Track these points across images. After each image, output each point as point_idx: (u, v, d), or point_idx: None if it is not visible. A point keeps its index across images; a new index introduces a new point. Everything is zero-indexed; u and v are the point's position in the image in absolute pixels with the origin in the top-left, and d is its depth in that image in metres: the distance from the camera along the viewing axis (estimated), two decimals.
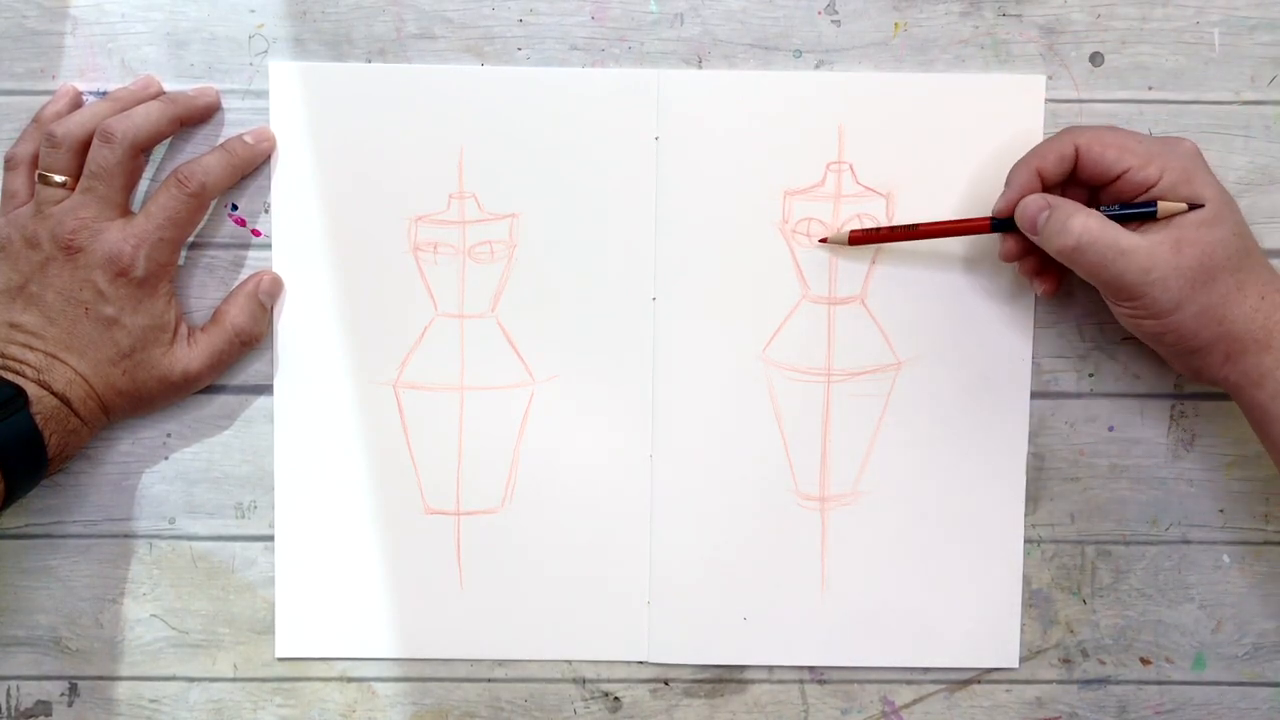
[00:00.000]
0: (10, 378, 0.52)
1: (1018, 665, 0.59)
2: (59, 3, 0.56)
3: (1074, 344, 0.58)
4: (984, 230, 0.55)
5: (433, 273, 0.57)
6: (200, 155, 0.56)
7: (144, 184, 0.57)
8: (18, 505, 0.55)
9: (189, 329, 0.56)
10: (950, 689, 0.59)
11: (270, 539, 0.58)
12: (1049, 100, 0.57)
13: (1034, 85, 0.57)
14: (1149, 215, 0.51)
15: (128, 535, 0.58)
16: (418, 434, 0.58)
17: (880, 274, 0.57)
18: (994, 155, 0.56)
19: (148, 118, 0.54)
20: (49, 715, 0.59)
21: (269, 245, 0.57)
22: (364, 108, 0.57)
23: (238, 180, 0.56)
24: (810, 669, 0.59)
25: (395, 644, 0.58)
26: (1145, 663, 0.59)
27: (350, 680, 0.59)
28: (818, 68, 0.57)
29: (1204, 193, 0.51)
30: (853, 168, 0.57)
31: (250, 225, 0.57)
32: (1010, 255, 0.55)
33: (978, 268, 0.57)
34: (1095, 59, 0.57)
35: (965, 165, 0.57)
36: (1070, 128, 0.54)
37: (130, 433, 0.58)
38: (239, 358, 0.57)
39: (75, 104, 0.56)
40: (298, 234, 0.57)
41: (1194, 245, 0.50)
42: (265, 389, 0.58)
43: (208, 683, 0.59)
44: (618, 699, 0.59)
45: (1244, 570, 0.59)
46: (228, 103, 0.57)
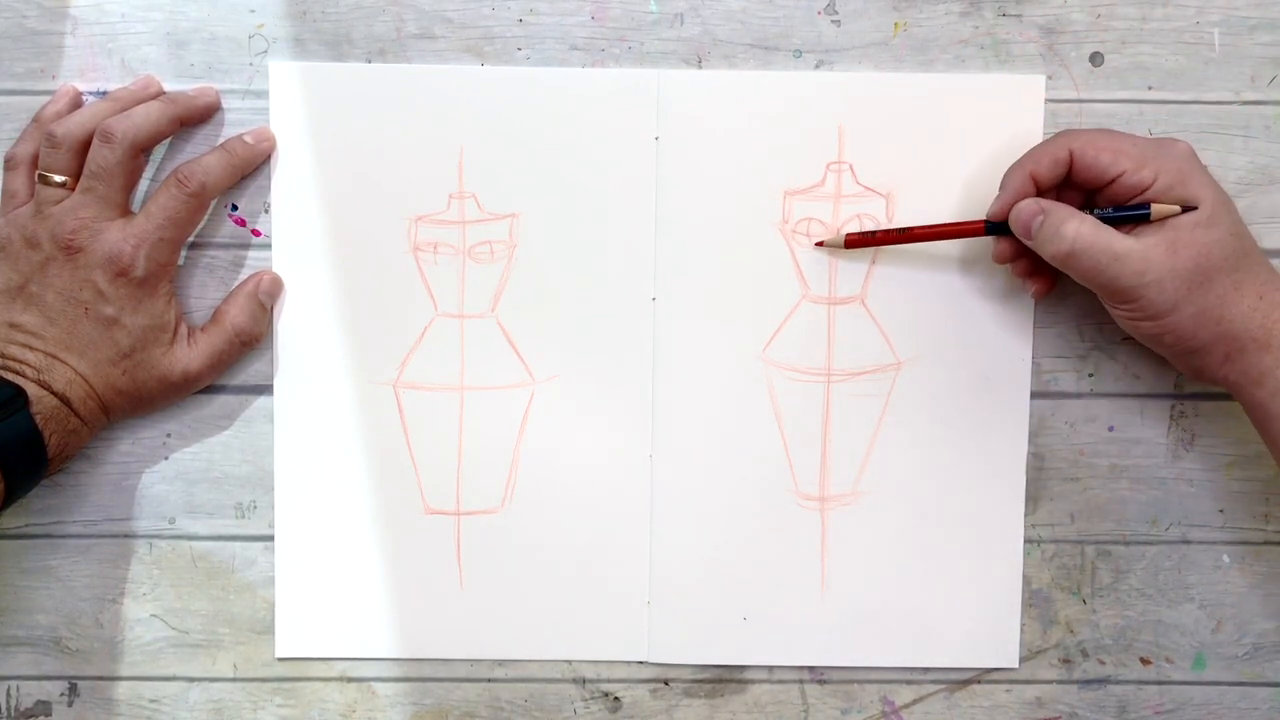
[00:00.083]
0: (10, 378, 0.52)
1: (1018, 665, 0.59)
2: (59, 3, 0.56)
3: (1074, 344, 0.58)
4: (978, 233, 0.55)
5: (433, 273, 0.57)
6: (200, 155, 0.56)
7: (144, 184, 0.57)
8: (18, 505, 0.55)
9: (189, 329, 0.56)
10: (950, 689, 0.59)
11: (270, 539, 0.58)
12: (1049, 100, 0.57)
13: (1034, 85, 0.57)
14: (1143, 218, 0.51)
15: (128, 535, 0.58)
16: (418, 434, 0.58)
17: (880, 274, 0.57)
18: (994, 155, 0.56)
19: (148, 118, 0.54)
20: (49, 715, 0.59)
21: (269, 245, 0.57)
22: (364, 108, 0.57)
23: (238, 180, 0.56)
24: (810, 669, 0.59)
25: (395, 644, 0.58)
26: (1145, 663, 0.59)
27: (350, 680, 0.59)
28: (818, 68, 0.57)
29: (1199, 194, 0.51)
30: (853, 168, 0.57)
31: (250, 225, 0.57)
32: (1004, 257, 0.55)
33: (978, 268, 0.57)
34: (1095, 59, 0.57)
35: (965, 165, 0.57)
36: (1064, 131, 0.54)
37: (130, 433, 0.58)
38: (239, 358, 0.57)
39: (75, 104, 0.56)
40: (298, 234, 0.57)
41: (1189, 247, 0.50)
42: (265, 389, 0.58)
43: (208, 683, 0.59)
44: (618, 699, 0.59)
45: (1244, 570, 0.59)
46: (228, 103, 0.57)
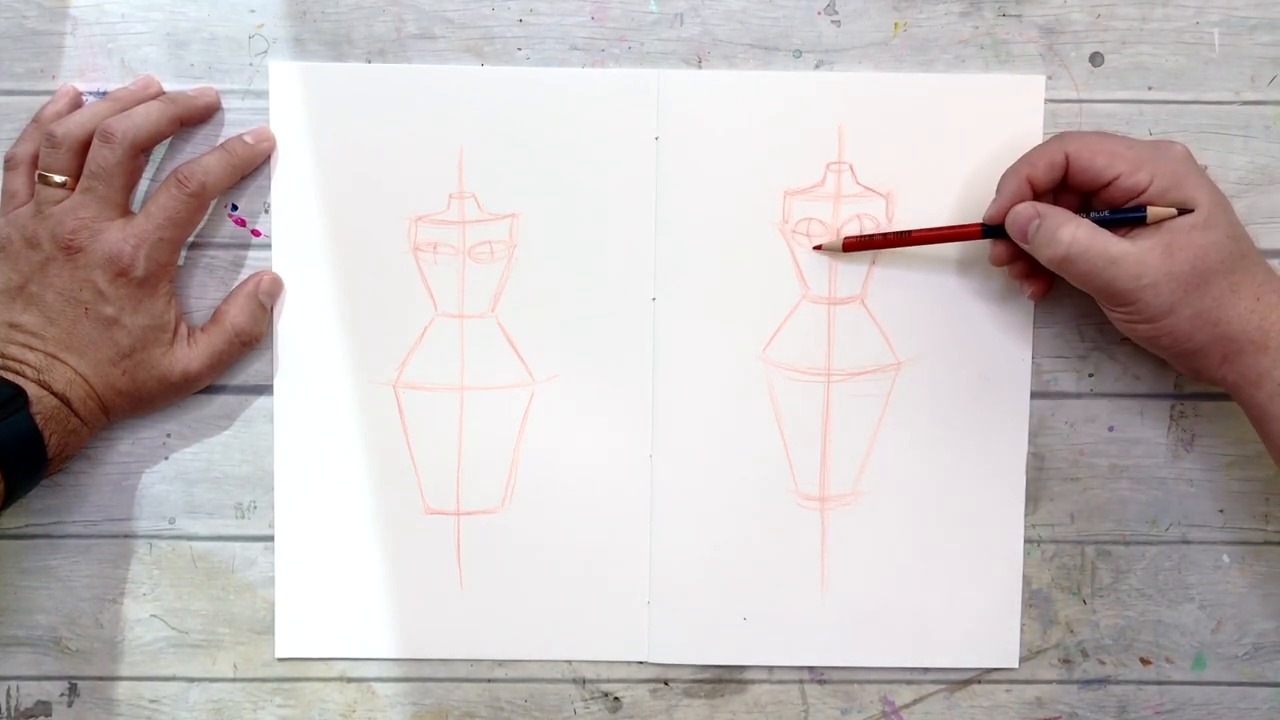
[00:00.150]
0: (10, 378, 0.52)
1: (1018, 665, 0.59)
2: (59, 3, 0.56)
3: (1073, 344, 0.58)
4: (975, 236, 0.55)
5: (433, 273, 0.57)
6: (200, 155, 0.56)
7: (144, 184, 0.57)
8: (18, 505, 0.55)
9: (189, 329, 0.56)
10: (950, 689, 0.59)
11: (270, 539, 0.58)
12: (1049, 100, 0.57)
13: (1034, 85, 0.57)
14: (1139, 220, 0.51)
15: (128, 535, 0.58)
16: (418, 434, 0.58)
17: (880, 274, 0.57)
18: (994, 155, 0.56)
19: (148, 118, 0.54)
20: (49, 715, 0.59)
21: (269, 245, 0.57)
22: (364, 108, 0.57)
23: (238, 180, 0.56)
24: (810, 669, 0.59)
25: (395, 644, 0.58)
26: (1145, 663, 0.59)
27: (350, 680, 0.59)
28: (818, 68, 0.57)
29: (1195, 196, 0.51)
30: (852, 168, 0.57)
31: (250, 225, 0.57)
32: (1000, 260, 0.55)
33: (978, 269, 0.57)
34: (1095, 59, 0.57)
35: (965, 165, 0.57)
36: (1060, 134, 0.54)
37: (130, 433, 0.58)
38: (239, 358, 0.57)
39: (75, 104, 0.56)
40: (298, 234, 0.57)
41: (1186, 249, 0.50)
42: (265, 389, 0.58)
43: (208, 683, 0.59)
44: (618, 699, 0.59)
45: (1244, 570, 0.59)
46: (228, 103, 0.57)
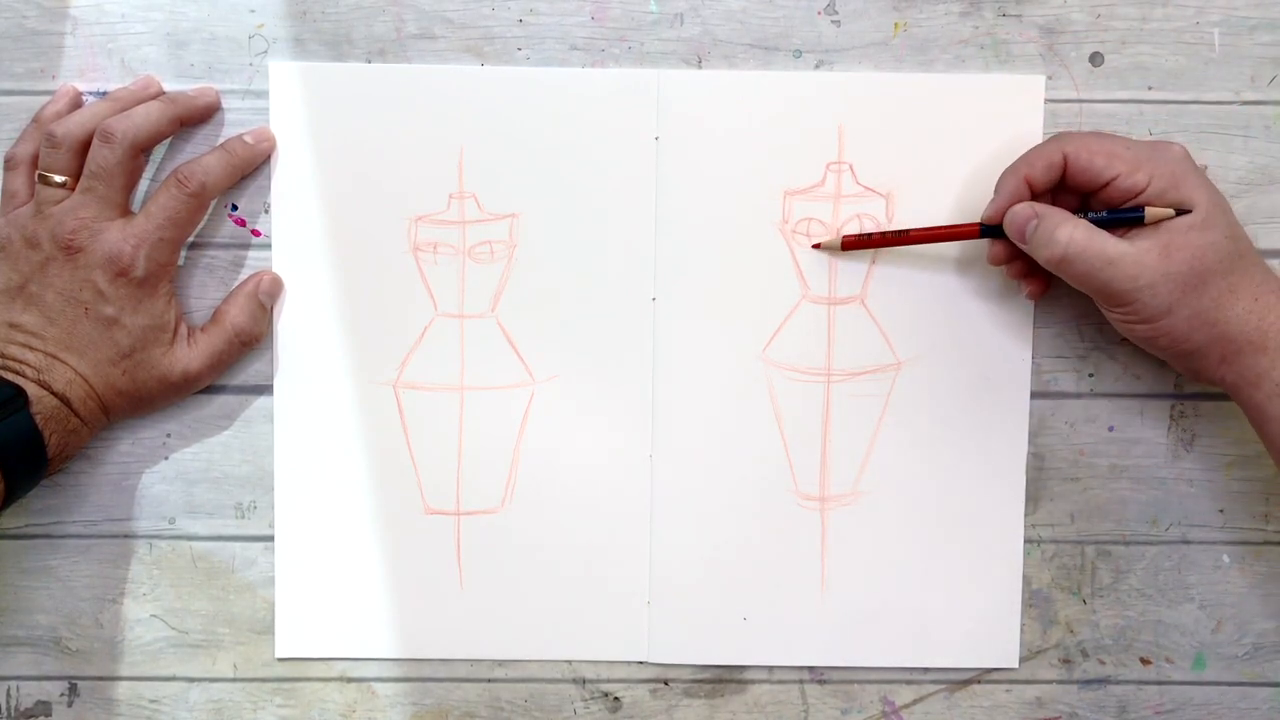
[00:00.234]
0: (10, 378, 0.52)
1: (1018, 665, 0.59)
2: (59, 3, 0.56)
3: (1073, 344, 0.58)
4: (973, 236, 0.55)
5: (433, 273, 0.57)
6: (200, 155, 0.56)
7: (144, 184, 0.57)
8: (18, 505, 0.55)
9: (189, 329, 0.56)
10: (950, 689, 0.59)
11: (270, 539, 0.58)
12: (1049, 100, 0.57)
13: (1034, 85, 0.57)
14: (1137, 221, 0.51)
15: (128, 535, 0.58)
16: (418, 434, 0.58)
17: (880, 274, 0.57)
18: (994, 155, 0.56)
19: (148, 118, 0.54)
20: (49, 715, 0.59)
21: (269, 245, 0.57)
22: (364, 108, 0.57)
23: (238, 180, 0.56)
24: (810, 669, 0.59)
25: (395, 644, 0.58)
26: (1145, 663, 0.59)
27: (350, 680, 0.59)
28: (818, 68, 0.57)
29: (1193, 197, 0.51)
30: (852, 168, 0.57)
31: (250, 225, 0.57)
32: (998, 259, 0.55)
33: (978, 269, 0.57)
34: (1095, 59, 0.57)
35: (965, 165, 0.57)
36: (1059, 134, 0.54)
37: (130, 433, 0.58)
38: (239, 358, 0.57)
39: (75, 104, 0.56)
40: (298, 234, 0.57)
41: (1184, 250, 0.50)
42: (265, 389, 0.58)
43: (208, 683, 0.59)
44: (618, 699, 0.59)
45: (1244, 570, 0.59)
46: (228, 103, 0.57)
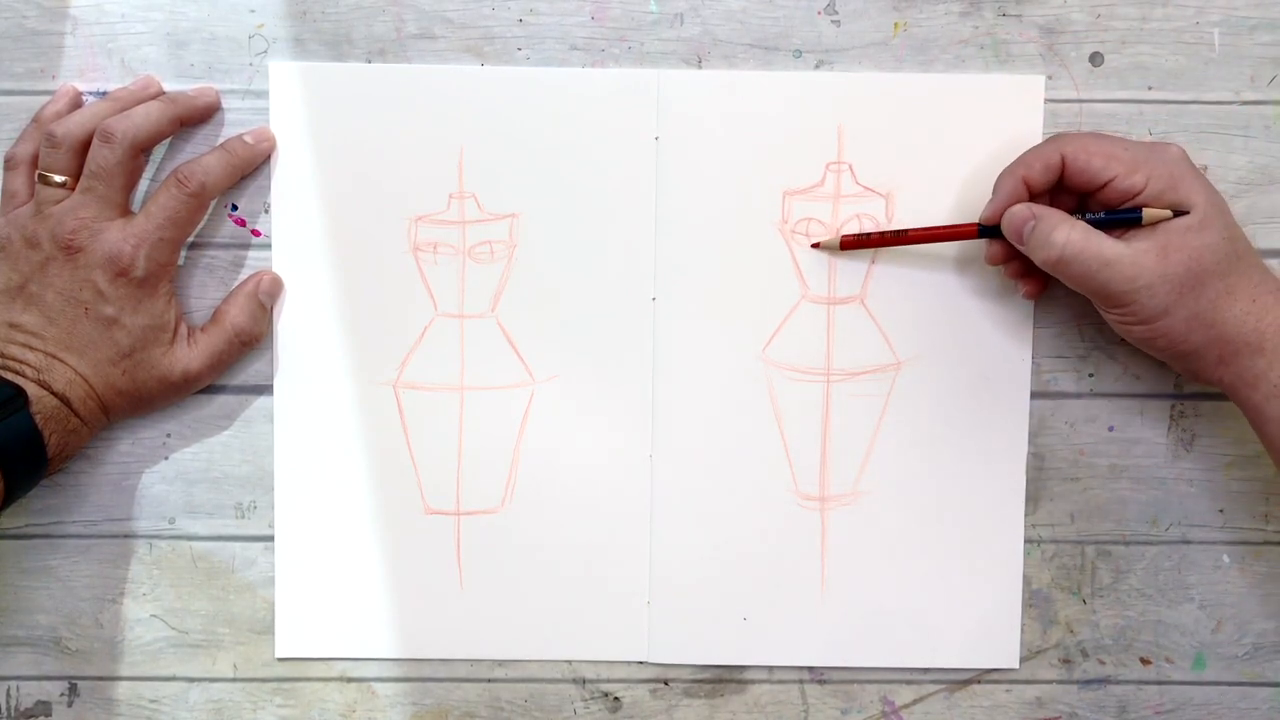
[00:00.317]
0: (10, 378, 0.52)
1: (1018, 665, 0.59)
2: (59, 3, 0.56)
3: (1073, 344, 0.58)
4: (971, 236, 0.55)
5: (433, 273, 0.57)
6: (200, 155, 0.56)
7: (144, 184, 0.57)
8: (18, 505, 0.55)
9: (189, 329, 0.56)
10: (950, 689, 0.59)
11: (270, 539, 0.58)
12: (1049, 100, 0.57)
13: (1034, 85, 0.57)
14: (1135, 222, 0.51)
15: (128, 535, 0.58)
16: (418, 434, 0.58)
17: (880, 274, 0.57)
18: (993, 155, 0.56)
19: (148, 118, 0.54)
20: (49, 715, 0.59)
21: (269, 245, 0.57)
22: (364, 108, 0.57)
23: (238, 180, 0.56)
24: (810, 669, 0.59)
25: (395, 644, 0.58)
26: (1145, 663, 0.59)
27: (350, 680, 0.59)
28: (818, 68, 0.57)
29: (1191, 198, 0.51)
30: (852, 168, 0.57)
31: (250, 225, 0.57)
32: (996, 259, 0.55)
33: (977, 268, 0.57)
34: (1095, 59, 0.57)
35: (965, 165, 0.57)
36: (1056, 135, 0.54)
37: (130, 433, 0.58)
38: (239, 358, 0.57)
39: (75, 104, 0.56)
40: (298, 234, 0.57)
41: (1181, 251, 0.50)
42: (265, 389, 0.58)
43: (208, 683, 0.59)
44: (618, 699, 0.59)
45: (1244, 570, 0.59)
46: (228, 103, 0.57)
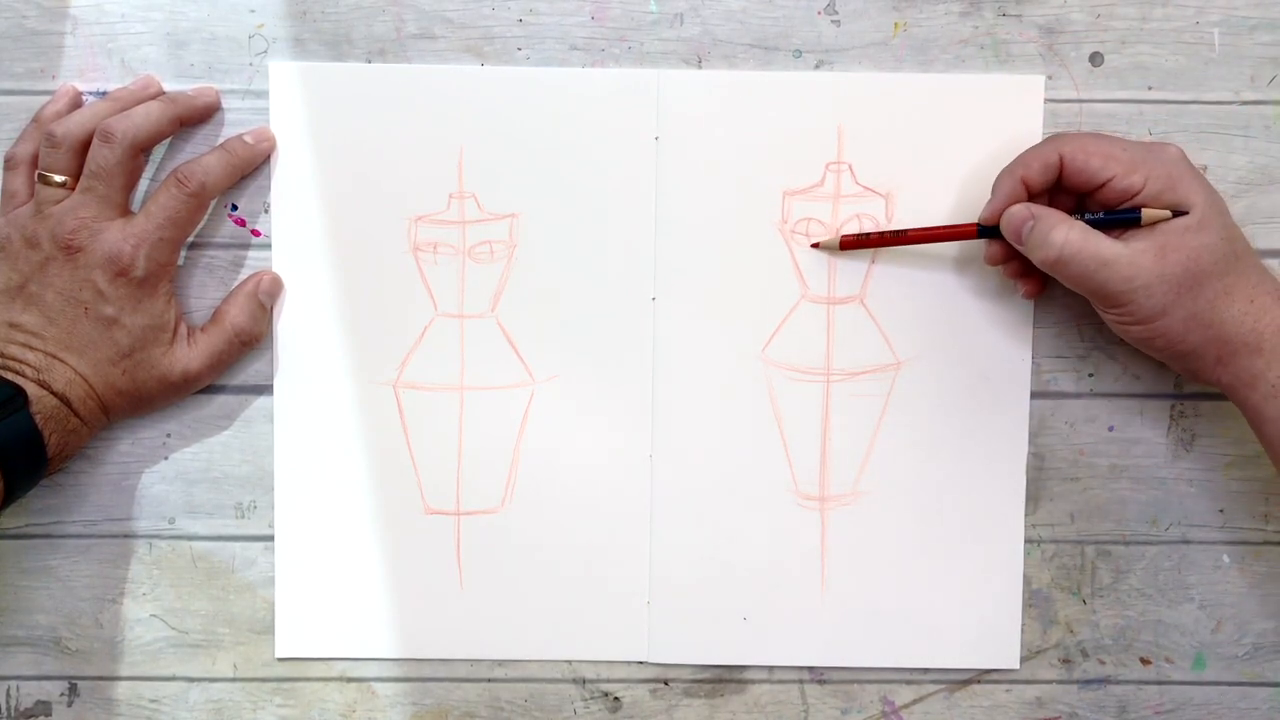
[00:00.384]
0: (10, 377, 0.52)
1: (1018, 665, 0.59)
2: (59, 3, 0.56)
3: (1073, 344, 0.58)
4: (970, 236, 0.55)
5: (433, 273, 0.57)
6: (200, 155, 0.56)
7: (144, 184, 0.57)
8: (18, 505, 0.55)
9: (189, 329, 0.56)
10: (950, 689, 0.59)
11: (270, 539, 0.58)
12: (1049, 100, 0.57)
13: (1033, 85, 0.57)
14: (1134, 222, 0.51)
15: (128, 535, 0.58)
16: (418, 434, 0.58)
17: (879, 274, 0.57)
18: (993, 155, 0.56)
19: (148, 118, 0.54)
20: (49, 715, 0.59)
21: (269, 245, 0.57)
22: (364, 108, 0.57)
23: (237, 180, 0.56)
24: (810, 669, 0.59)
25: (395, 644, 0.58)
26: (1145, 663, 0.59)
27: (350, 680, 0.59)
28: (817, 68, 0.57)
29: (1189, 198, 0.51)
30: (852, 168, 0.57)
31: (250, 225, 0.57)
32: (995, 259, 0.55)
33: (977, 268, 0.57)
34: (1095, 59, 0.57)
35: (965, 165, 0.57)
36: (1055, 135, 0.54)
37: (130, 433, 0.58)
38: (239, 358, 0.57)
39: (75, 104, 0.56)
40: (298, 234, 0.57)
41: (1179, 251, 0.50)
42: (265, 389, 0.58)
43: (208, 683, 0.59)
44: (618, 699, 0.59)
45: (1244, 570, 0.59)
46: (228, 103, 0.57)
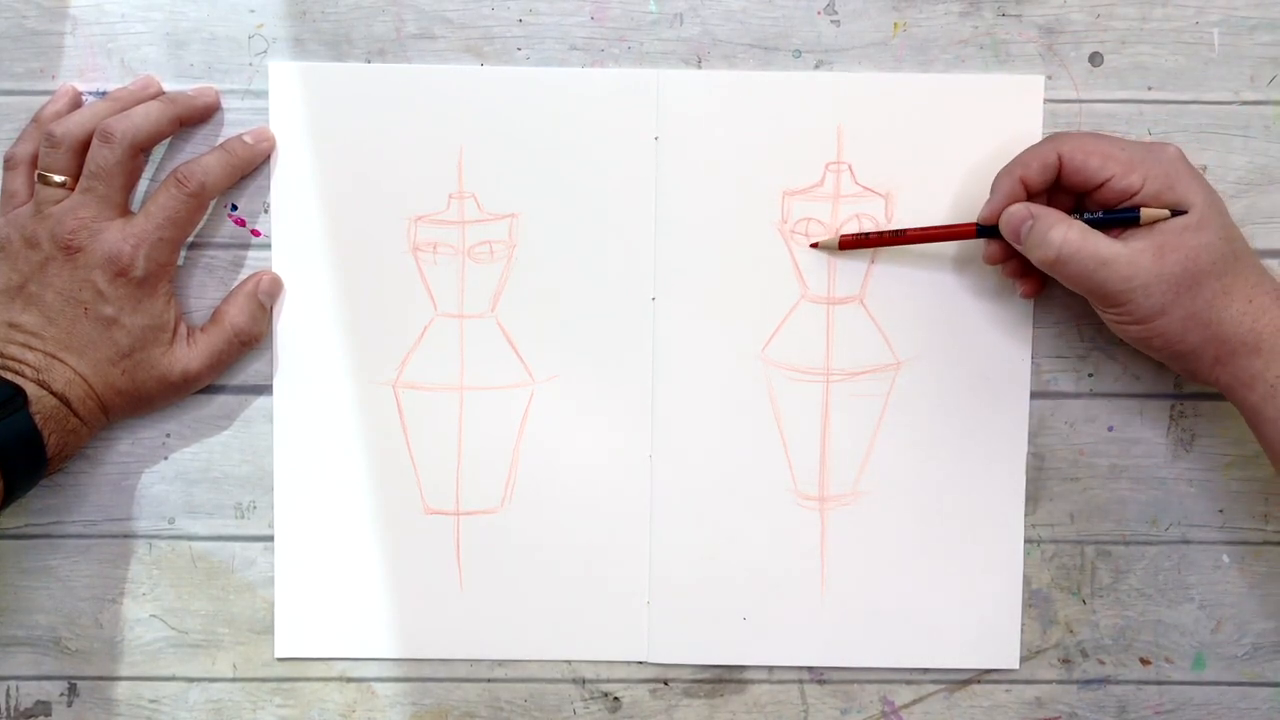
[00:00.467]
0: (10, 377, 0.52)
1: (1018, 665, 0.59)
2: (59, 3, 0.56)
3: (1073, 344, 0.58)
4: (970, 236, 0.55)
5: (432, 273, 0.57)
6: (200, 155, 0.56)
7: (144, 184, 0.57)
8: (18, 505, 0.55)
9: (188, 329, 0.56)
10: (950, 689, 0.59)
11: (270, 539, 0.58)
12: (1048, 100, 0.57)
13: (1033, 85, 0.57)
14: (1132, 221, 0.51)
15: (127, 535, 0.58)
16: (417, 434, 0.58)
17: (879, 274, 0.57)
18: (993, 156, 0.56)
19: (147, 118, 0.54)
20: (49, 715, 0.59)
21: (269, 245, 0.57)
22: (364, 108, 0.57)
23: (237, 180, 0.56)
24: (810, 669, 0.59)
25: (395, 644, 0.58)
26: (1145, 663, 0.59)
27: (350, 680, 0.59)
28: (817, 68, 0.57)
29: (1188, 198, 0.51)
30: (851, 168, 0.57)
31: (250, 225, 0.57)
32: (994, 259, 0.55)
33: (976, 268, 0.57)
34: (1095, 59, 0.57)
35: (964, 165, 0.57)
36: (1054, 135, 0.54)
37: (130, 433, 0.58)
38: (238, 358, 0.57)
39: (75, 104, 0.56)
40: (297, 234, 0.57)
41: (1177, 251, 0.50)
42: (265, 389, 0.58)
43: (207, 683, 0.59)
44: (617, 699, 0.59)
45: (1244, 570, 0.59)
46: (227, 103, 0.57)
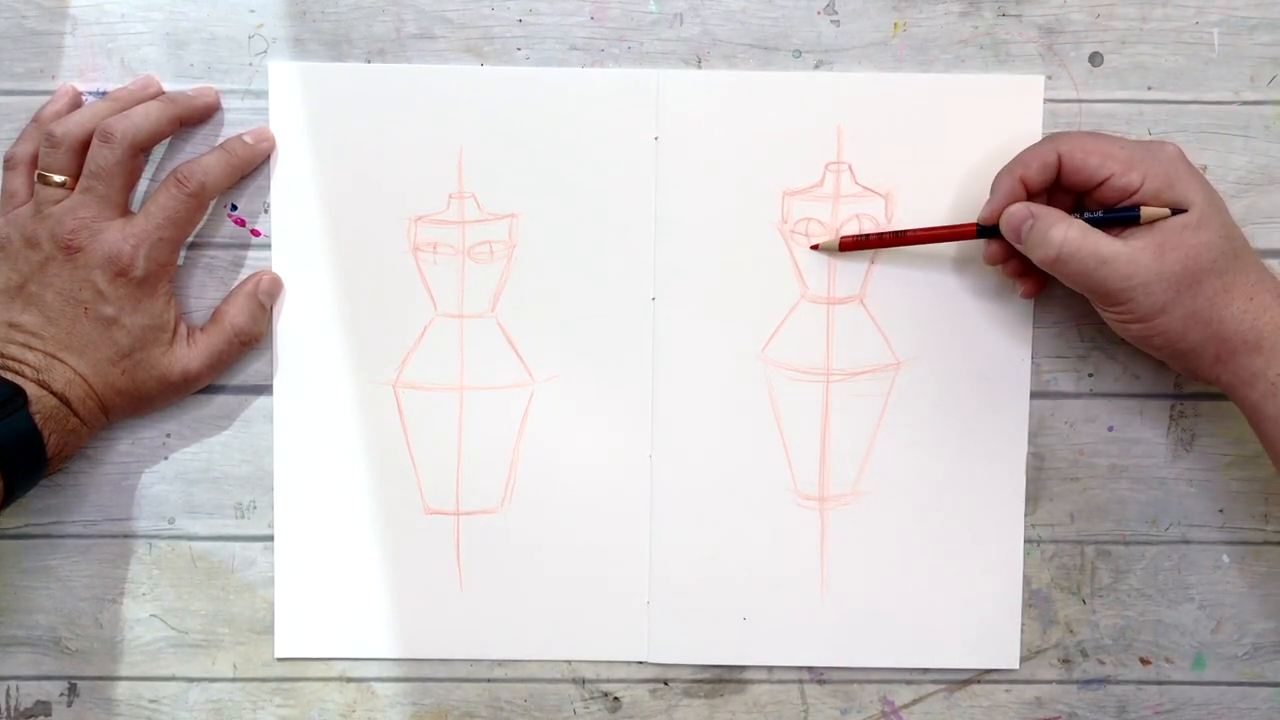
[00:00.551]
0: (10, 377, 0.52)
1: (1017, 665, 0.59)
2: (59, 3, 0.56)
3: (1073, 344, 0.58)
4: (970, 236, 0.55)
5: (432, 273, 0.57)
6: (200, 155, 0.56)
7: (144, 184, 0.57)
8: (18, 505, 0.55)
9: (188, 329, 0.56)
10: (950, 689, 0.59)
11: (270, 539, 0.58)
12: (1048, 100, 0.57)
13: (1033, 85, 0.57)
14: (1133, 220, 0.51)
15: (127, 535, 0.58)
16: (417, 434, 0.58)
17: (879, 274, 0.57)
18: (993, 156, 0.56)
19: (147, 118, 0.54)
20: (49, 715, 0.59)
21: (269, 245, 0.57)
22: (364, 108, 0.57)
23: (237, 180, 0.56)
24: (810, 669, 0.59)
25: (395, 644, 0.58)
26: (1145, 663, 0.59)
27: (350, 680, 0.59)
28: (817, 68, 0.57)
29: (1188, 196, 0.51)
30: (851, 168, 0.57)
31: (250, 225, 0.57)
32: (994, 259, 0.55)
33: (976, 268, 0.57)
34: (1094, 59, 0.57)
35: (964, 166, 0.57)
36: (1053, 134, 0.54)
37: (130, 433, 0.58)
38: (238, 358, 0.57)
39: (75, 104, 0.56)
40: (297, 234, 0.57)
41: (1178, 249, 0.50)
42: (265, 389, 0.58)
43: (207, 683, 0.59)
44: (617, 699, 0.59)
45: (1244, 570, 0.59)
46: (227, 103, 0.57)
